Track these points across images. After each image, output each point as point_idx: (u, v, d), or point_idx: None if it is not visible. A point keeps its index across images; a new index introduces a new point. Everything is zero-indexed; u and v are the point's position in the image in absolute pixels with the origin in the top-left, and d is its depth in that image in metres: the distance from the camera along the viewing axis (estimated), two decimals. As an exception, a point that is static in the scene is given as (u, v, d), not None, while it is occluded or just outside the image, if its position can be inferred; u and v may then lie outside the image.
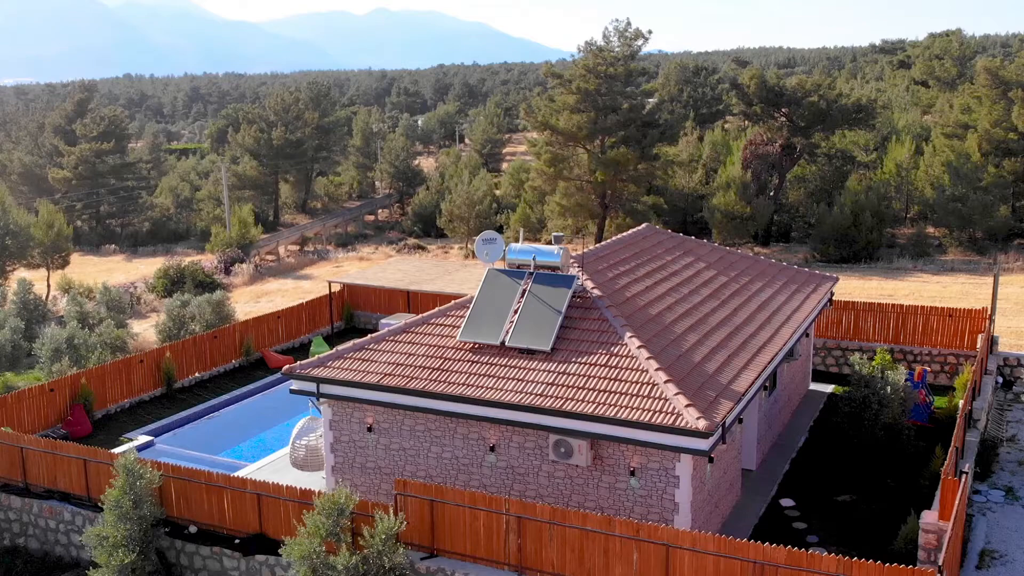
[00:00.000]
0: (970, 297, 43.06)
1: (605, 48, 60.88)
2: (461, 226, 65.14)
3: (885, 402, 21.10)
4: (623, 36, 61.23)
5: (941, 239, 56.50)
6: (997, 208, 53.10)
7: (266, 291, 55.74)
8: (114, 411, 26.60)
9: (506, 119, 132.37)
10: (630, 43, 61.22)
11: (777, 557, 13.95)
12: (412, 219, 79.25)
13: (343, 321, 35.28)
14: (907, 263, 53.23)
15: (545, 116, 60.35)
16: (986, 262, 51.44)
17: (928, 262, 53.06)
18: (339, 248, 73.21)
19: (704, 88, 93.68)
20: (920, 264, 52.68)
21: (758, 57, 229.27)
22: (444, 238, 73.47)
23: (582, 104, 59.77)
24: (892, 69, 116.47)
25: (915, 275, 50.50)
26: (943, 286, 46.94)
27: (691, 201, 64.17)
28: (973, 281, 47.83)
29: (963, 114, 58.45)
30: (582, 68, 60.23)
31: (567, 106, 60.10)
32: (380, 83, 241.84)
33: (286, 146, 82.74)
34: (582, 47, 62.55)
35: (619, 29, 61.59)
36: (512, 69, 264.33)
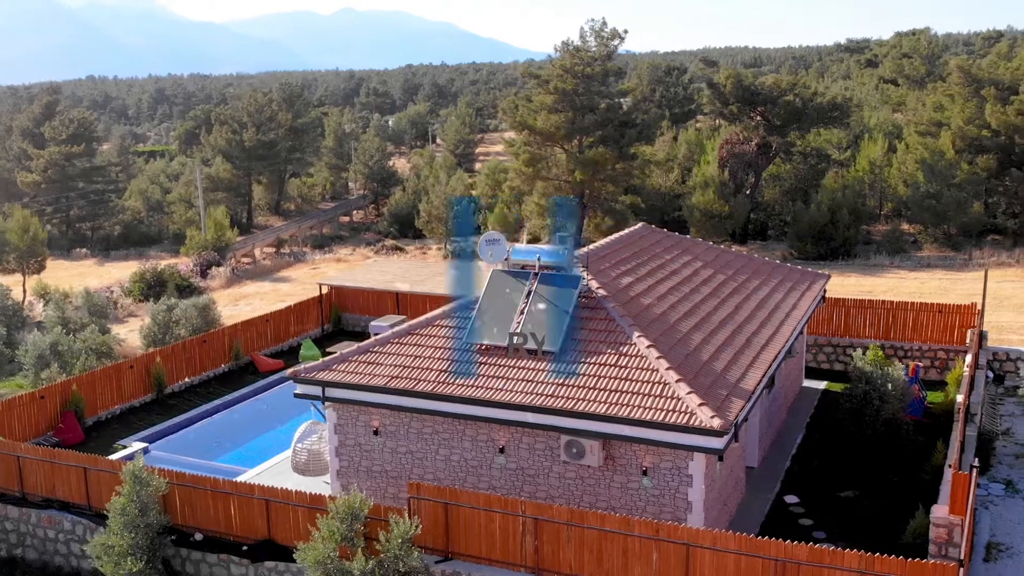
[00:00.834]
0: (949, 293, 43.62)
1: (582, 48, 60.97)
2: (439, 227, 64.92)
3: (886, 398, 21.32)
4: (599, 36, 61.39)
5: (916, 235, 57.18)
6: (971, 204, 53.83)
7: (244, 294, 55.22)
8: (105, 418, 26.21)
9: (478, 119, 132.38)
10: (607, 43, 61.39)
11: (799, 554, 14.01)
12: (388, 220, 78.91)
13: (331, 323, 35.03)
14: (884, 260, 53.79)
15: (523, 116, 60.32)
16: (961, 258, 52.15)
17: (904, 258, 53.66)
18: (315, 250, 72.69)
19: (676, 88, 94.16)
20: (897, 261, 53.26)
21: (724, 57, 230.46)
22: (421, 239, 73.21)
23: (560, 104, 59.78)
24: (860, 68, 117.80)
25: (892, 271, 51.08)
26: (921, 282, 47.52)
27: (668, 200, 64.46)
28: (950, 277, 48.47)
29: (936, 112, 59.21)
30: (559, 68, 60.25)
31: (545, 106, 60.08)
32: (348, 83, 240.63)
33: (259, 147, 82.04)
34: (559, 47, 62.59)
35: (595, 29, 61.73)
36: (481, 69, 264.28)
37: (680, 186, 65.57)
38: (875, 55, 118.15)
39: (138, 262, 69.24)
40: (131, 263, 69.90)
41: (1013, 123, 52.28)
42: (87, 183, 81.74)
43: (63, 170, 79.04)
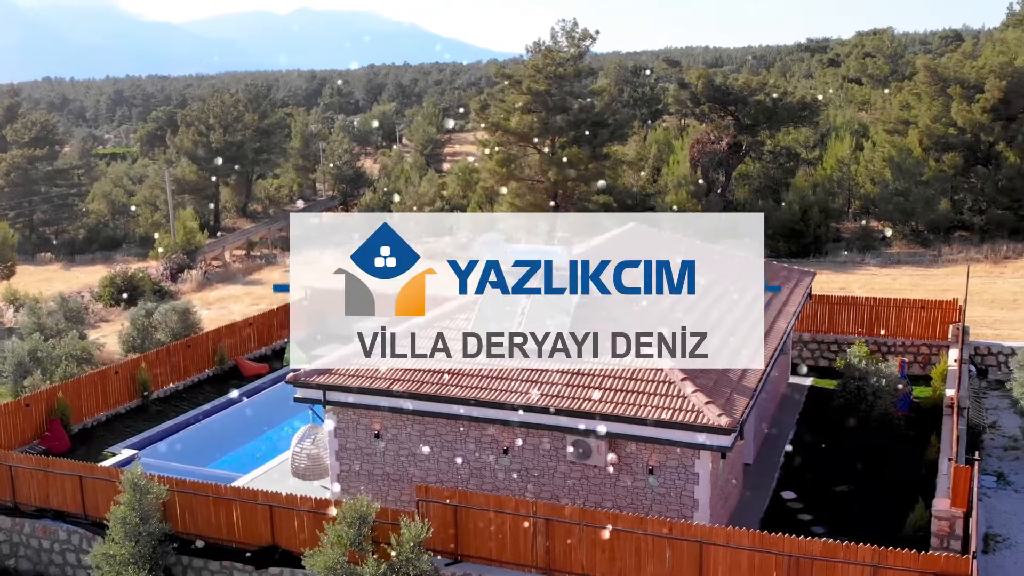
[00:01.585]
0: (919, 288, 44.28)
1: (554, 48, 61.17)
2: (413, 228, 64.62)
3: (879, 393, 21.62)
4: (570, 36, 61.63)
5: (885, 233, 57.99)
6: (938, 201, 54.70)
7: (217, 297, 54.65)
8: (91, 425, 25.79)
9: (444, 119, 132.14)
10: (578, 43, 61.65)
11: (812, 549, 14.18)
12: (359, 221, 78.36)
13: (313, 326, 34.71)
14: (855, 256, 54.49)
15: (496, 116, 60.37)
16: (931, 254, 52.98)
17: (875, 255, 54.40)
18: (286, 252, 72.09)
19: (643, 88, 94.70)
20: (867, 257, 53.97)
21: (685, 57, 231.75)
22: (393, 240, 72.89)
23: (532, 104, 59.92)
24: (822, 67, 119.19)
25: (863, 268, 51.78)
26: (892, 278, 48.22)
27: (640, 199, 64.79)
28: (920, 273, 49.22)
29: (903, 110, 60.08)
30: (531, 68, 60.40)
31: (518, 106, 60.20)
32: (310, 84, 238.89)
33: (226, 149, 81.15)
34: (530, 47, 62.81)
35: (566, 29, 61.98)
36: (444, 69, 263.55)
37: (651, 185, 65.98)
38: (837, 54, 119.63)
39: (105, 266, 68.26)
40: (98, 267, 68.90)
41: (979, 121, 53.21)
42: (50, 186, 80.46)
43: (26, 173, 77.75)
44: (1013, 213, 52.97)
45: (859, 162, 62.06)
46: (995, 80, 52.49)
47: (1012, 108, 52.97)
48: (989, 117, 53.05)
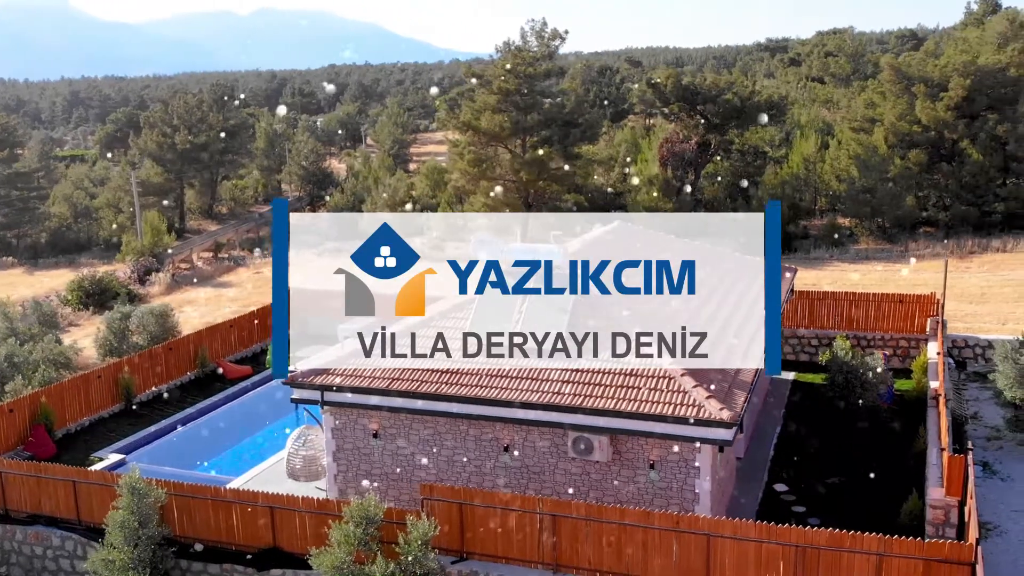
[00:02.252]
0: (889, 283, 45.06)
1: (524, 48, 61.30)
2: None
3: (867, 386, 21.99)
4: (540, 36, 61.79)
5: (852, 229, 58.84)
6: (904, 198, 55.63)
7: (188, 300, 54.07)
8: (75, 430, 25.45)
9: (409, 119, 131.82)
10: (548, 43, 61.83)
11: (818, 540, 14.42)
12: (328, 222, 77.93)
13: (293, 328, 34.45)
14: (823, 253, 55.26)
15: (467, 116, 60.35)
16: (898, 249, 53.88)
17: (843, 252, 55.18)
18: (254, 253, 71.49)
19: (609, 88, 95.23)
20: (836, 254, 54.76)
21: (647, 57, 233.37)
22: (362, 240, 72.59)
23: (503, 104, 60.01)
24: (784, 66, 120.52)
25: (833, 264, 52.55)
26: (862, 274, 48.95)
27: (610, 199, 65.18)
28: (889, 268, 50.02)
29: (868, 108, 61.01)
30: (502, 68, 60.46)
31: (488, 106, 60.23)
32: (271, 84, 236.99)
33: (191, 150, 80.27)
34: (500, 47, 62.88)
35: (535, 29, 62.13)
36: (406, 69, 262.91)
37: (621, 184, 66.37)
38: (798, 54, 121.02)
39: (69, 270, 67.25)
40: (62, 271, 67.87)
41: (942, 118, 54.19)
42: (9, 190, 79.00)
43: (-14, 176, 76.36)
44: (976, 209, 54.00)
45: (825, 160, 62.91)
46: (959, 78, 53.50)
47: (975, 106, 54.01)
48: (953, 115, 54.07)
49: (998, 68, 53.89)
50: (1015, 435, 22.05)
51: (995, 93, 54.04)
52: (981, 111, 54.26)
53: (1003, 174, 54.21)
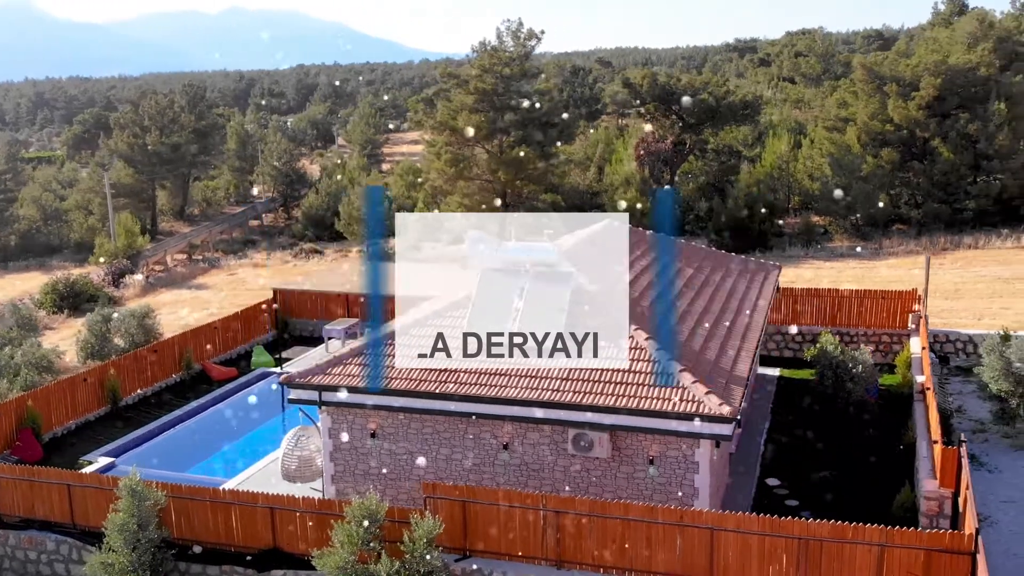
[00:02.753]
0: (865, 280, 45.60)
1: (499, 48, 61.39)
2: (360, 228, 64.27)
3: (857, 380, 22.31)
4: (516, 36, 61.92)
5: (826, 227, 59.51)
6: (877, 196, 56.31)
7: (163, 303, 53.54)
8: (61, 433, 25.18)
9: (381, 119, 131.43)
10: (524, 43, 61.97)
11: (821, 532, 14.63)
12: (303, 223, 77.59)
13: (276, 329, 34.34)
14: (799, 251, 55.84)
15: (444, 116, 60.34)
16: (872, 247, 54.56)
17: (818, 249, 55.78)
18: (228, 255, 70.98)
19: (583, 88, 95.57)
20: (811, 251, 55.34)
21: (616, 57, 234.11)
22: (338, 241, 72.25)
23: (480, 104, 60.09)
24: (753, 67, 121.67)
25: (808, 262, 53.08)
26: (837, 271, 49.53)
27: (587, 198, 65.46)
28: (864, 265, 50.63)
29: (840, 108, 61.69)
30: (478, 68, 60.53)
31: (465, 106, 60.27)
32: (239, 84, 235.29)
33: (163, 151, 79.53)
34: (476, 47, 62.94)
35: (511, 29, 62.24)
36: (376, 69, 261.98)
37: (597, 184, 66.68)
38: (767, 54, 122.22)
39: (40, 273, 66.47)
40: (33, 274, 67.08)
41: (914, 117, 54.92)
42: (-25, 193, 78.02)
43: (-46, 179, 75.19)
44: (948, 206, 54.78)
45: (798, 159, 63.56)
46: (930, 78, 54.23)
47: (946, 105, 54.78)
48: (924, 114, 54.79)
49: (968, 67, 54.70)
50: (1000, 428, 22.47)
51: (965, 92, 54.83)
52: (952, 110, 55.03)
53: (974, 172, 55.03)
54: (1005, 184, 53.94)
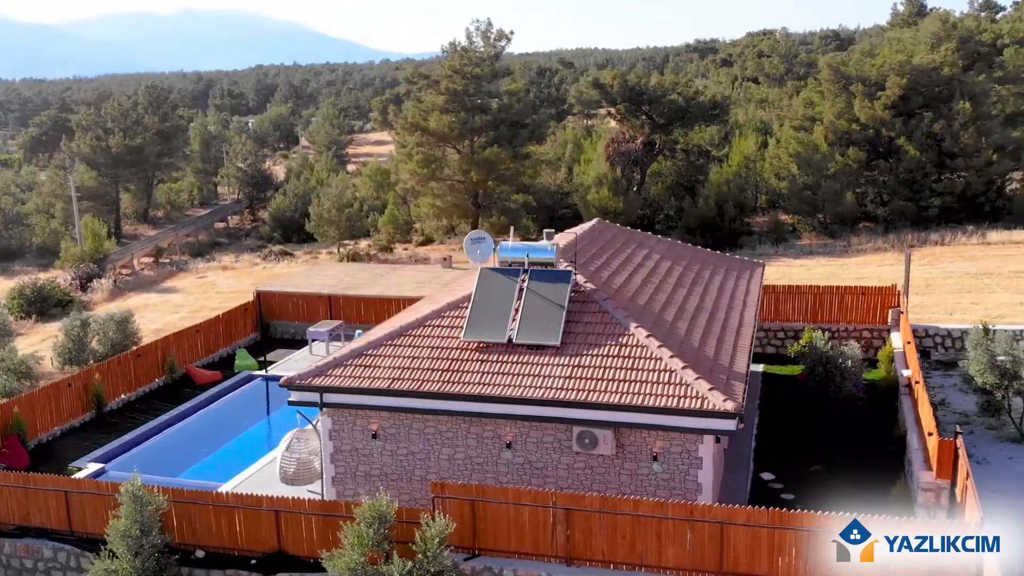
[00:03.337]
0: (835, 277, 46.15)
1: (470, 48, 61.43)
2: (331, 230, 63.90)
3: (847, 375, 22.69)
4: (485, 37, 61.98)
5: (795, 225, 60.29)
6: (844, 194, 57.17)
7: (132, 307, 52.67)
8: (46, 440, 24.80)
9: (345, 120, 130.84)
10: (494, 44, 62.06)
11: (831, 524, 14.85)
12: (271, 224, 76.99)
13: (258, 332, 34.08)
14: (768, 249, 56.48)
15: (415, 117, 60.23)
16: (840, 244, 55.38)
17: (788, 247, 56.49)
18: (196, 258, 70.23)
19: (549, 88, 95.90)
20: (781, 249, 56.01)
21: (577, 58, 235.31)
22: (307, 243, 71.80)
23: (451, 104, 60.08)
24: (716, 67, 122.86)
25: (778, 260, 53.69)
26: (807, 268, 50.19)
27: (558, 198, 65.75)
28: (834, 263, 51.35)
29: (807, 108, 62.55)
30: (448, 69, 60.51)
31: (436, 106, 60.22)
32: (197, 85, 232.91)
33: (126, 153, 78.53)
34: (446, 48, 62.92)
35: (481, 30, 62.29)
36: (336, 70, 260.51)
37: (567, 184, 66.97)
38: (729, 54, 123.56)
39: (3, 278, 65.22)
40: (-5, 278, 65.82)
41: (880, 116, 55.86)
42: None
43: (-89, 182, 73.53)
44: (914, 204, 55.77)
45: (764, 159, 64.34)
46: (895, 78, 55.21)
47: (911, 104, 55.81)
48: (890, 113, 55.77)
49: (932, 67, 55.76)
50: (985, 420, 22.95)
51: (930, 92, 55.92)
52: (917, 109, 56.07)
53: (938, 170, 56.07)
54: (969, 182, 55.05)
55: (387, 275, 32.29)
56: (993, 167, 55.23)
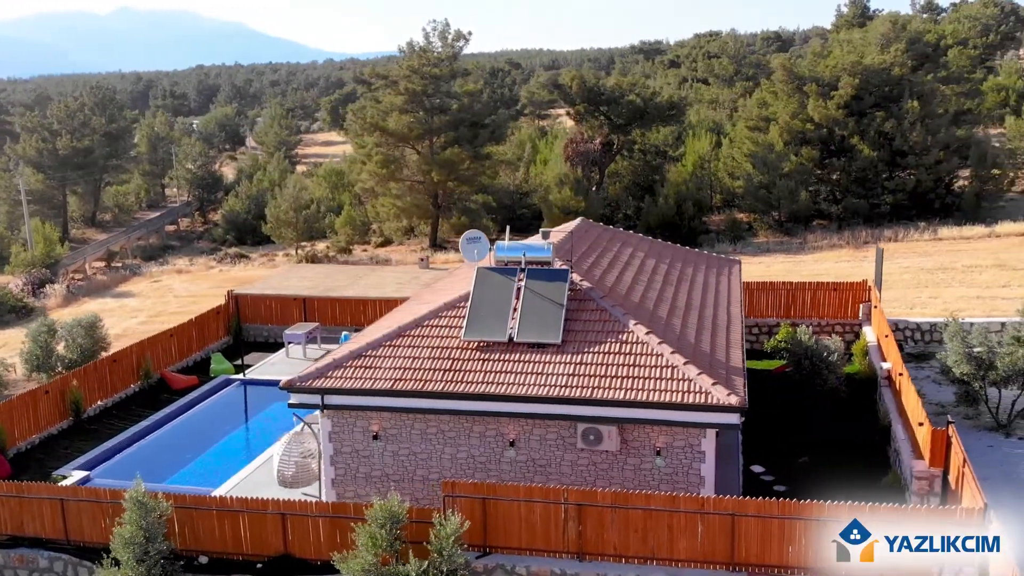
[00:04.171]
0: (793, 274, 47.06)
1: (428, 49, 61.36)
2: (289, 231, 63.29)
3: (831, 368, 23.22)
4: (443, 37, 61.97)
5: (751, 223, 61.31)
6: (799, 193, 58.33)
7: (87, 312, 51.64)
8: (25, 448, 24.24)
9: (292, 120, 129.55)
10: (452, 44, 62.07)
11: (839, 513, 15.23)
12: (224, 227, 75.96)
13: (230, 336, 33.65)
14: (726, 247, 57.30)
15: (374, 117, 59.99)
16: (796, 242, 56.46)
17: (745, 245, 57.41)
18: (148, 262, 69.02)
19: (502, 89, 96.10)
20: (739, 247, 56.87)
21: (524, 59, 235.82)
22: (262, 244, 70.97)
23: (410, 105, 59.96)
24: (664, 68, 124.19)
25: (736, 257, 54.59)
26: (766, 266, 51.07)
27: (516, 198, 65.99)
28: (791, 260, 52.33)
29: (760, 108, 63.67)
30: (407, 69, 60.38)
31: (395, 107, 60.06)
32: (136, 86, 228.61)
33: (74, 155, 76.87)
34: (404, 48, 62.79)
35: (438, 30, 62.26)
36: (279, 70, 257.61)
37: (525, 184, 67.26)
38: (677, 56, 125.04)
39: (-50, 284, 63.44)
40: (-60, 285, 63.93)
41: (833, 116, 57.12)
42: None
43: None
44: (866, 201, 57.13)
45: (718, 158, 65.34)
46: (847, 78, 56.50)
47: (863, 104, 57.15)
48: (843, 113, 57.05)
49: (883, 67, 57.16)
50: (961, 410, 23.63)
51: (880, 91, 57.33)
52: (868, 108, 57.44)
53: (890, 168, 57.55)
54: (919, 179, 56.57)
55: (367, 276, 32.08)
56: (942, 165, 56.80)
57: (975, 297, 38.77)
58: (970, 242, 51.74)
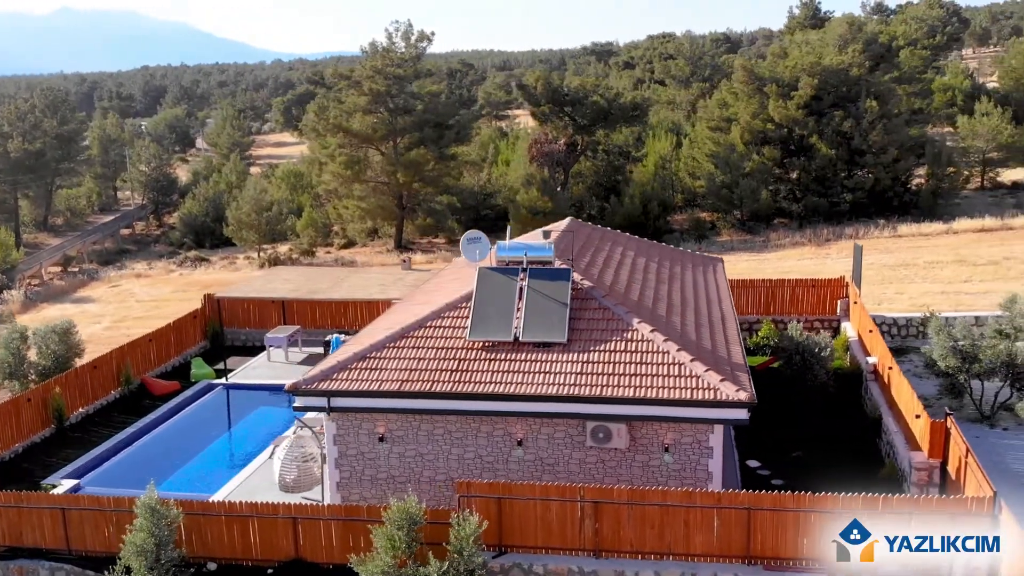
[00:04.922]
0: (758, 272, 47.81)
1: (391, 49, 61.15)
2: (251, 234, 62.57)
3: (822, 363, 23.65)
4: (406, 37, 61.81)
5: (714, 222, 62.05)
6: (761, 192, 59.20)
7: (48, 318, 50.44)
8: (9, 457, 23.69)
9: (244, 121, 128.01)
10: (415, 45, 61.92)
11: (853, 504, 15.55)
12: (182, 230, 74.79)
13: (207, 340, 33.18)
14: (691, 246, 57.91)
15: (337, 118, 59.59)
16: (759, 240, 57.28)
17: (709, 244, 58.09)
18: (106, 266, 67.74)
19: (460, 90, 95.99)
20: (703, 246, 57.50)
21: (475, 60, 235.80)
22: (222, 247, 70.02)
23: (374, 105, 59.70)
24: (618, 70, 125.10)
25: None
26: (731, 264, 51.14)
27: (481, 199, 66.00)
28: (755, 258, 53.09)
29: (721, 108, 64.49)
30: (370, 69, 60.12)
31: (359, 107, 59.74)
32: (80, 87, 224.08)
33: (25, 158, 75.14)
34: (367, 48, 62.51)
35: (400, 30, 62.09)
36: (227, 70, 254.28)
37: (489, 185, 67.29)
38: (631, 57, 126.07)
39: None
40: None
41: (793, 116, 58.08)
42: None
43: None
44: (826, 200, 58.18)
45: (679, 159, 66.04)
46: (807, 78, 57.49)
47: (822, 104, 58.20)
48: (803, 113, 58.04)
49: (841, 68, 58.25)
50: (943, 402, 24.20)
51: (839, 92, 58.43)
52: (827, 108, 58.50)
53: (849, 167, 58.65)
54: (878, 178, 57.73)
55: (349, 277, 31.83)
56: (899, 164, 58.03)
57: (939, 292, 39.69)
58: (929, 239, 52.97)
